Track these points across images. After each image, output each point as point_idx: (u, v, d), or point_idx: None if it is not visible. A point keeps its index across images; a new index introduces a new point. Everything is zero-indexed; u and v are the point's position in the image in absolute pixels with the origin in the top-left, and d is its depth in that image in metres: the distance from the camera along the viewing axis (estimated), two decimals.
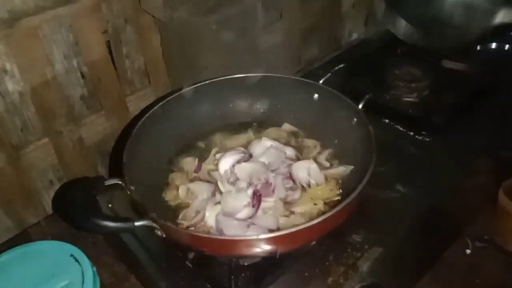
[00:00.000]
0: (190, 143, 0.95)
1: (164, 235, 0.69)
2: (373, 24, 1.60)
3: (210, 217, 0.77)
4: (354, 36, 1.59)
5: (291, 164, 0.85)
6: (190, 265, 0.76)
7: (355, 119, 0.83)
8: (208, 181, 0.85)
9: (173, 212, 0.81)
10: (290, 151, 0.89)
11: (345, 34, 1.58)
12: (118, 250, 0.88)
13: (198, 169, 0.86)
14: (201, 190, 0.82)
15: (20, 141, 0.98)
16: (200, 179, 0.86)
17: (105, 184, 0.74)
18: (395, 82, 1.09)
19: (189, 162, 0.90)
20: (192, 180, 0.86)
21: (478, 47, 1.67)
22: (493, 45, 1.68)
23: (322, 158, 0.88)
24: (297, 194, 0.80)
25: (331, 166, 0.87)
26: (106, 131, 1.11)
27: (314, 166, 0.83)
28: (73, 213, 0.68)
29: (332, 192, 0.81)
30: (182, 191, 0.83)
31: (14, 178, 0.99)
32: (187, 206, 0.81)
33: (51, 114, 0.99)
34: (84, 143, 1.08)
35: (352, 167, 0.84)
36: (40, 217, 1.04)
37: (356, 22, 1.59)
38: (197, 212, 0.78)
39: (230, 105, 0.99)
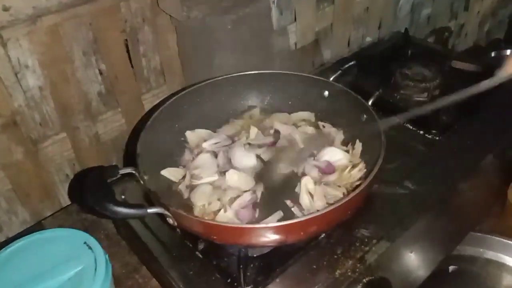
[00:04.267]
0: None
1: (175, 223, 0.70)
2: (385, 27, 1.59)
3: None
4: (368, 40, 1.57)
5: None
6: (200, 255, 0.76)
7: (364, 116, 0.84)
8: None
9: (185, 201, 0.82)
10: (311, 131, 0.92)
11: (359, 38, 1.56)
12: (131, 241, 0.89)
13: None
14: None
15: (38, 135, 0.99)
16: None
17: (119, 173, 0.75)
18: (405, 81, 1.09)
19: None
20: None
21: (493, 54, 1.67)
22: (508, 52, 1.69)
23: (338, 143, 0.90)
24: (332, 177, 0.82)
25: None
26: (122, 128, 1.12)
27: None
28: (87, 198, 0.68)
29: (359, 172, 0.82)
30: None
31: (32, 172, 1.00)
32: None
33: (69, 110, 1.00)
34: (100, 139, 1.09)
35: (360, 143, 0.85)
36: (55, 210, 1.05)
37: (370, 26, 1.56)
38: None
39: (242, 102, 1.00)
